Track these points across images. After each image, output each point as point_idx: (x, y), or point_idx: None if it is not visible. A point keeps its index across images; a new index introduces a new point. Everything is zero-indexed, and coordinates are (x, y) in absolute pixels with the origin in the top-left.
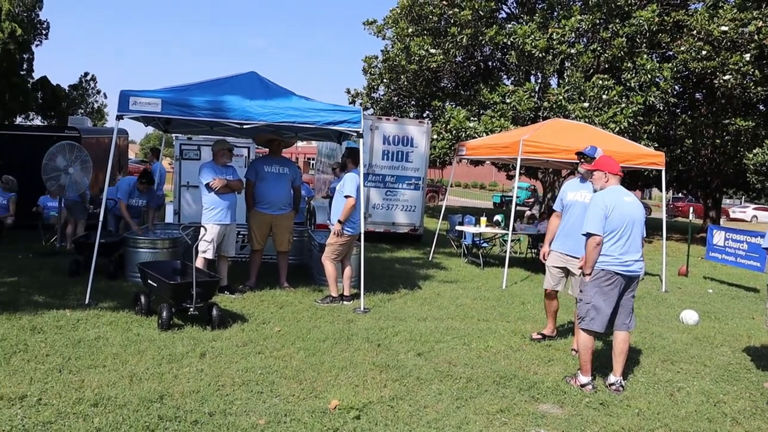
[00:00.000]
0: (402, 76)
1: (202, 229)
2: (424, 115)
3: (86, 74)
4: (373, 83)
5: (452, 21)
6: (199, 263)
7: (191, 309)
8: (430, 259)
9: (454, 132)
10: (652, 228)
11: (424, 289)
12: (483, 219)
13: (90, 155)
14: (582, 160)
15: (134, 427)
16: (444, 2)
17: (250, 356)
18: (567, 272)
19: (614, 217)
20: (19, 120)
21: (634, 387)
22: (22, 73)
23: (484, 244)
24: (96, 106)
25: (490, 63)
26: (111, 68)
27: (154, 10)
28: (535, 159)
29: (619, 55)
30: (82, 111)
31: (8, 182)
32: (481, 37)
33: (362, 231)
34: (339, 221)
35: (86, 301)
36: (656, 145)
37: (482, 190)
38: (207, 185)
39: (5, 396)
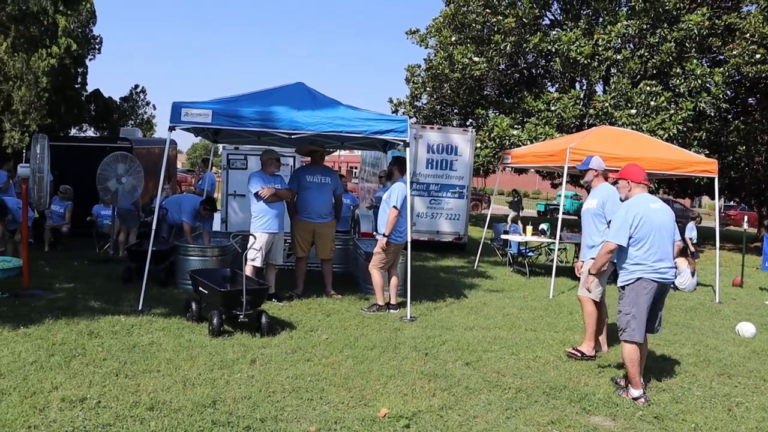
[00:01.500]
0: (445, 85)
1: (251, 237)
2: (468, 123)
3: (136, 86)
4: (416, 92)
5: (495, 29)
6: (248, 271)
7: (241, 316)
8: (475, 267)
9: (497, 140)
10: (703, 237)
11: (470, 298)
12: (529, 228)
13: (141, 165)
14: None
15: (189, 431)
16: (487, 10)
17: (299, 363)
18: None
19: (643, 226)
20: (73, 131)
21: (690, 401)
22: (76, 86)
23: (530, 253)
24: (145, 117)
25: (533, 70)
26: (159, 80)
27: (198, 23)
28: None
29: (668, 60)
30: (132, 122)
31: (66, 192)
32: (524, 45)
33: (409, 240)
34: (384, 235)
35: (139, 308)
36: (707, 152)
37: (525, 198)
38: (256, 194)
39: (66, 398)
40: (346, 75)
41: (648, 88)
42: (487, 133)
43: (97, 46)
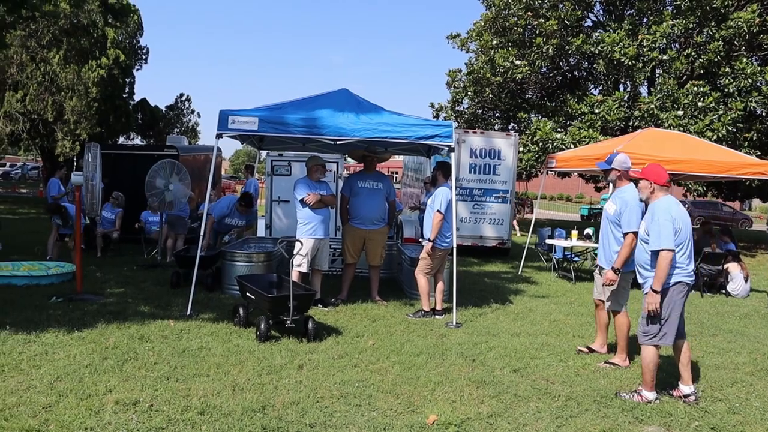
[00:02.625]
0: (487, 89)
1: (297, 243)
2: (509, 127)
3: (181, 95)
4: (457, 96)
5: (537, 32)
6: (294, 276)
7: (288, 322)
8: (519, 273)
9: (540, 144)
10: (754, 241)
11: (515, 304)
12: (574, 232)
13: (187, 172)
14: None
15: None
16: (529, 13)
17: (347, 369)
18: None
19: (682, 230)
20: (121, 139)
21: (748, 412)
22: (124, 95)
23: (576, 258)
24: (190, 125)
25: (576, 73)
26: (203, 88)
27: (240, 33)
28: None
29: (716, 59)
30: (178, 130)
31: (117, 198)
32: (567, 47)
33: (455, 245)
34: (429, 240)
35: (188, 312)
36: (758, 153)
37: (568, 202)
38: (301, 200)
39: (120, 401)
40: (386, 81)
41: (695, 88)
42: (530, 137)
43: (143, 57)
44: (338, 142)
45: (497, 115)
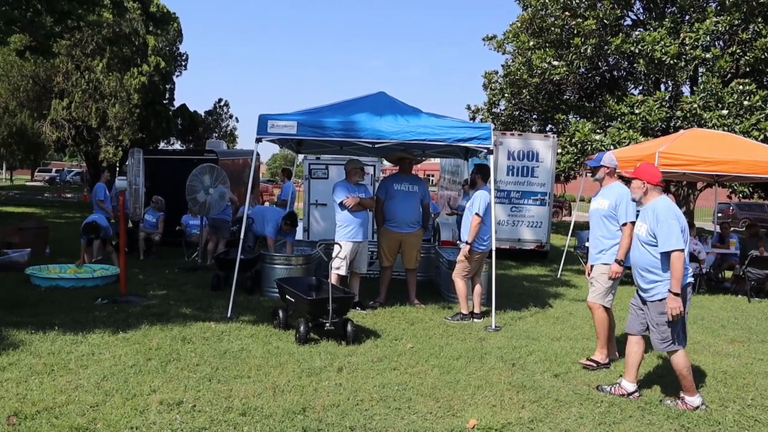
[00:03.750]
0: (524, 90)
1: (335, 246)
2: (547, 129)
3: (220, 100)
4: (493, 98)
5: (575, 32)
6: (333, 279)
7: (327, 324)
8: (558, 276)
9: (579, 145)
10: None
11: (555, 308)
12: None
13: (226, 176)
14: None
15: None
16: (566, 13)
17: (386, 372)
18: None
19: (685, 228)
20: (161, 145)
21: None
22: (164, 101)
23: None
24: (228, 129)
25: (615, 73)
26: (239, 94)
27: (277, 38)
28: (672, 172)
29: (762, 57)
30: (216, 134)
31: (158, 202)
32: (606, 47)
33: (493, 248)
34: (466, 242)
35: (228, 315)
36: None
37: None
38: (340, 203)
39: (164, 401)
40: (422, 83)
41: (741, 87)
42: (568, 139)
43: (183, 63)
44: (376, 145)
45: (534, 116)
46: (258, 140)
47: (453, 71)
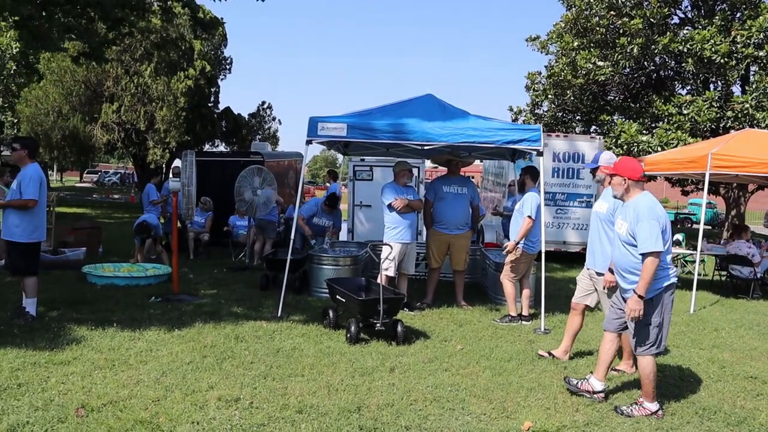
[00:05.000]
0: (568, 91)
1: (384, 247)
2: (591, 130)
3: (263, 103)
4: (536, 99)
5: (621, 31)
6: (381, 280)
7: (378, 325)
8: None
9: (624, 147)
10: None
11: (603, 312)
12: None
13: (273, 177)
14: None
15: None
16: (612, 12)
17: (438, 373)
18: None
19: (667, 228)
20: (206, 147)
21: None
22: (209, 104)
23: None
24: (272, 131)
25: (662, 72)
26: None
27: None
28: (725, 174)
29: None
30: (260, 136)
31: (206, 203)
32: (653, 46)
33: (543, 250)
34: (514, 241)
35: (278, 314)
36: None
37: None
38: (389, 205)
39: (222, 397)
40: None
41: None
42: (614, 140)
43: (227, 67)
44: (425, 147)
45: (578, 117)
46: (308, 142)
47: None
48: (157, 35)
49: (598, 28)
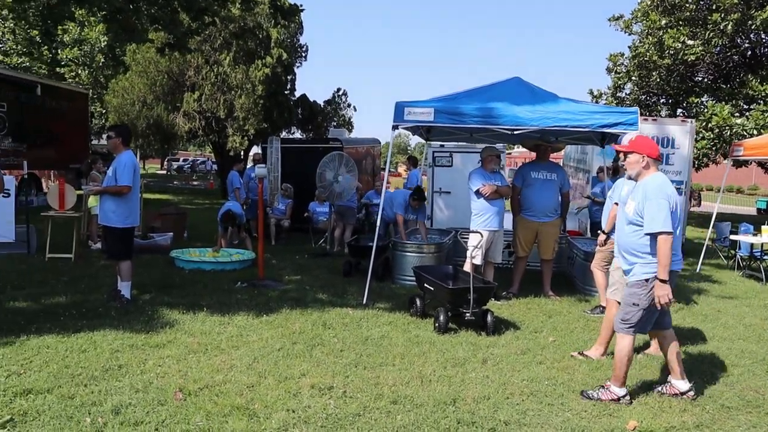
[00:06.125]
0: (653, 73)
1: (472, 234)
2: (677, 113)
3: (338, 89)
4: (619, 82)
5: (714, 7)
6: (467, 268)
7: (468, 314)
8: (697, 270)
9: (716, 131)
10: None
11: (700, 305)
12: (765, 227)
13: (354, 164)
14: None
15: (435, 428)
16: None
17: (532, 366)
18: None
19: (675, 210)
20: (283, 134)
21: None
22: (286, 92)
23: (766, 257)
24: (347, 118)
25: (759, 50)
26: (353, 82)
27: (392, 25)
28: None
29: None
30: (335, 123)
31: (287, 189)
32: (750, 22)
33: None
34: (603, 231)
35: (364, 302)
36: None
37: (739, 194)
38: (477, 191)
39: (315, 385)
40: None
41: None
42: (704, 123)
43: (303, 54)
44: (516, 132)
45: (662, 100)
46: (395, 127)
47: (572, 54)
48: (236, 24)
49: (687, 5)
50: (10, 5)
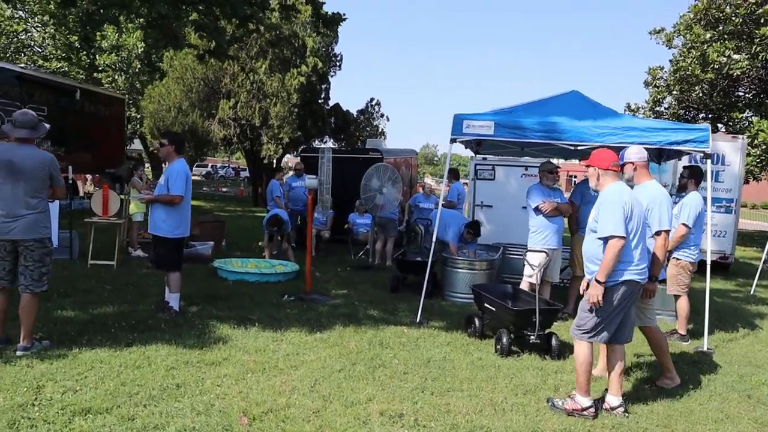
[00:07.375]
0: (696, 87)
1: (541, 254)
2: (718, 128)
3: (372, 99)
4: (657, 96)
5: (761, 20)
6: (524, 287)
7: (533, 337)
8: (752, 292)
9: (763, 147)
10: None
11: (765, 330)
12: None
13: (399, 176)
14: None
15: None
16: (750, 0)
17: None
18: None
19: (634, 216)
20: (315, 143)
21: None
22: (320, 101)
23: None
24: (379, 128)
25: None
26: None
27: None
28: None
29: None
30: (367, 133)
31: (327, 201)
32: None
33: (709, 260)
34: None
35: (417, 319)
36: None
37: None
38: (536, 208)
39: (384, 412)
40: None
41: None
42: (749, 140)
43: (338, 64)
44: (579, 148)
45: (702, 115)
46: (452, 140)
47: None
48: (272, 33)
49: (733, 18)
50: (52, 11)
